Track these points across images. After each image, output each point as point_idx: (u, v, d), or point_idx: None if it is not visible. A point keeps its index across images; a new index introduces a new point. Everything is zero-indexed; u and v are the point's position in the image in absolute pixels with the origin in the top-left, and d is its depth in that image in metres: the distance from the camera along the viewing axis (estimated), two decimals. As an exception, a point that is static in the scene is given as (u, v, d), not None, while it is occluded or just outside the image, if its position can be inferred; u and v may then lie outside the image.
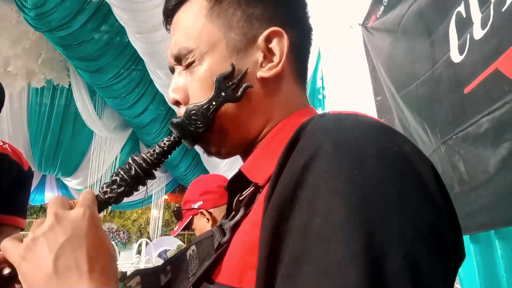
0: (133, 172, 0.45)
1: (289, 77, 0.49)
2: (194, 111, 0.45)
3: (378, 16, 1.90)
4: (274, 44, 0.46)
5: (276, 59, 0.46)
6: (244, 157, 0.50)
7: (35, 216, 9.81)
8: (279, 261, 0.31)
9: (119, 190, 0.45)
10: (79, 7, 2.78)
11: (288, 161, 0.34)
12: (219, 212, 1.35)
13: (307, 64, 0.52)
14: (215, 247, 0.44)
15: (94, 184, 5.09)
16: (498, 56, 1.04)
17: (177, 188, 8.10)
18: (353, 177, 0.30)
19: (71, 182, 6.08)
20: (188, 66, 0.47)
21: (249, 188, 0.45)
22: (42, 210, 9.84)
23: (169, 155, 0.48)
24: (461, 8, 1.21)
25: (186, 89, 0.48)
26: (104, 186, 0.46)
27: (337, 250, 0.27)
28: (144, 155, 0.46)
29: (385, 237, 0.27)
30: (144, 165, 0.45)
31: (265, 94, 0.47)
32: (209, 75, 0.45)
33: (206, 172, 5.31)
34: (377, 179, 0.30)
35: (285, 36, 0.46)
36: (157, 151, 0.47)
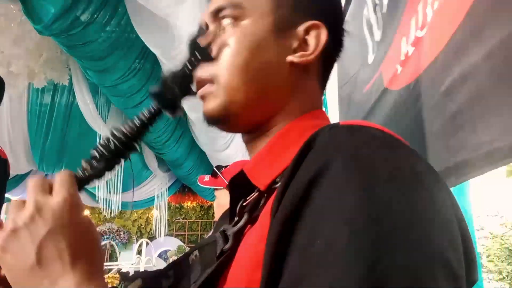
0: (112, 146, 0.44)
1: (314, 74, 0.49)
2: (170, 79, 0.45)
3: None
4: (311, 37, 0.46)
5: (310, 49, 0.46)
6: (248, 137, 0.49)
7: (35, 215, 9.81)
8: (280, 280, 0.29)
9: (99, 166, 0.44)
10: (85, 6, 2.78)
11: (296, 174, 0.33)
12: None
13: (331, 71, 0.53)
14: (217, 254, 0.43)
15: (101, 184, 5.10)
16: (383, 58, 1.07)
17: (178, 188, 8.10)
18: (360, 198, 0.28)
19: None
20: (227, 18, 0.46)
21: (253, 194, 0.44)
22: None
23: (150, 127, 0.47)
24: (365, 11, 1.24)
25: (212, 47, 0.47)
26: (83, 162, 0.45)
27: (337, 276, 0.25)
28: (123, 129, 0.45)
29: (388, 267, 0.25)
30: (123, 139, 0.44)
31: (288, 80, 0.47)
32: (244, 38, 0.45)
33: (210, 171, 5.29)
34: (386, 203, 0.28)
35: (325, 32, 0.46)
36: (136, 123, 0.46)
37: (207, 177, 1.63)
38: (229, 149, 4.35)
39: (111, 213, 5.82)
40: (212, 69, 0.47)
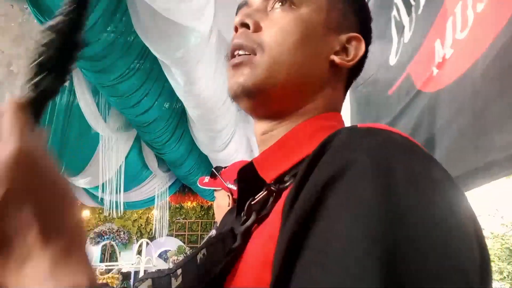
0: (56, 42, 0.35)
1: (343, 80, 0.52)
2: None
3: None
4: (352, 46, 0.49)
5: (349, 57, 0.49)
6: (265, 126, 0.48)
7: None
8: (291, 282, 0.29)
9: (51, 75, 0.34)
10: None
11: (311, 175, 0.32)
12: None
13: (350, 86, 0.55)
14: (226, 252, 0.43)
15: (104, 183, 5.10)
16: (411, 60, 1.07)
17: (178, 188, 8.10)
18: (378, 203, 0.27)
19: (78, 182, 6.07)
20: (285, 1, 0.47)
21: (262, 192, 0.43)
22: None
23: (85, 11, 0.37)
24: (394, 12, 1.24)
25: (259, 20, 0.47)
26: (32, 76, 0.34)
27: (352, 283, 0.25)
28: (53, 22, 0.37)
29: (404, 275, 0.25)
30: (64, 28, 0.36)
31: (324, 76, 0.48)
32: (299, 22, 0.46)
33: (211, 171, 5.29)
34: (403, 209, 0.27)
35: (363, 47, 0.50)
36: (68, 10, 0.36)
37: (207, 179, 1.64)
38: (227, 150, 4.35)
39: (118, 213, 5.82)
40: (258, 39, 0.46)
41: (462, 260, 0.27)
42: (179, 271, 0.47)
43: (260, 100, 0.46)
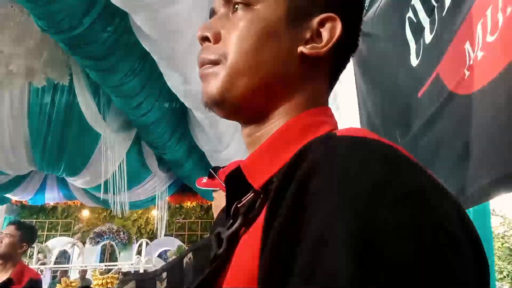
0: None
1: (324, 70, 0.47)
2: None
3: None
4: (325, 29, 0.45)
5: (322, 43, 0.45)
6: (248, 130, 0.48)
7: (35, 216, 9.81)
8: None
9: None
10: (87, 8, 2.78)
11: (287, 192, 0.31)
12: None
13: (343, 69, 0.51)
14: (210, 259, 0.42)
15: (107, 182, 5.10)
16: (439, 61, 1.06)
17: (178, 188, 8.10)
18: (360, 224, 0.26)
19: (77, 182, 6.07)
20: (240, 4, 0.45)
21: (248, 195, 0.42)
22: (42, 210, 9.84)
23: None
24: (410, 14, 1.23)
25: (220, 30, 0.46)
26: None
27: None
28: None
29: (389, 286, 0.24)
30: None
31: (296, 71, 0.45)
32: (255, 22, 0.44)
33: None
34: (387, 226, 0.26)
35: (340, 26, 0.44)
36: None
37: (205, 179, 1.63)
38: (228, 150, 4.35)
39: (124, 212, 5.82)
40: (218, 50, 0.45)
41: (455, 272, 0.26)
42: (164, 275, 0.47)
43: (231, 107, 0.46)
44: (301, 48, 0.44)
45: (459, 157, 0.94)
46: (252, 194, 0.42)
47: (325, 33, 0.45)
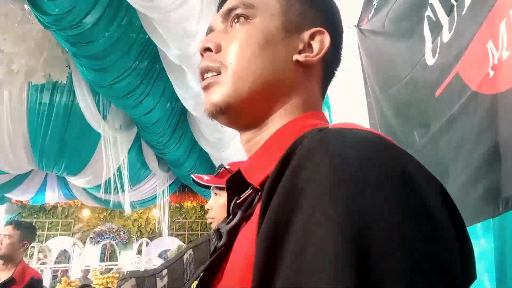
0: None
1: (316, 78, 0.52)
2: None
3: (369, 18, 1.88)
4: (316, 41, 0.50)
5: (314, 53, 0.50)
6: (247, 136, 0.50)
7: (35, 216, 9.81)
8: (273, 285, 0.29)
9: None
10: (90, 7, 2.78)
11: (282, 179, 0.32)
12: None
13: (330, 82, 0.55)
14: (211, 252, 0.44)
15: (107, 182, 5.10)
16: (458, 60, 1.06)
17: (178, 188, 8.10)
18: (350, 204, 0.27)
19: (77, 181, 6.07)
20: (238, 16, 0.49)
21: (247, 191, 0.45)
22: (42, 210, 9.85)
23: None
24: (429, 12, 1.23)
25: (220, 41, 0.50)
26: None
27: (331, 283, 0.25)
28: None
29: (382, 273, 0.25)
30: None
31: (292, 78, 0.49)
32: (254, 32, 0.48)
33: (211, 171, 5.30)
34: (376, 207, 0.27)
35: (328, 39, 0.50)
36: None
37: (206, 176, 1.62)
38: (229, 150, 4.36)
39: (129, 211, 5.81)
40: (220, 58, 0.48)
41: (439, 251, 0.28)
42: (164, 272, 0.47)
43: (234, 114, 0.48)
44: (296, 56, 0.49)
45: (487, 157, 0.92)
46: (251, 191, 0.44)
47: (315, 44, 0.50)
